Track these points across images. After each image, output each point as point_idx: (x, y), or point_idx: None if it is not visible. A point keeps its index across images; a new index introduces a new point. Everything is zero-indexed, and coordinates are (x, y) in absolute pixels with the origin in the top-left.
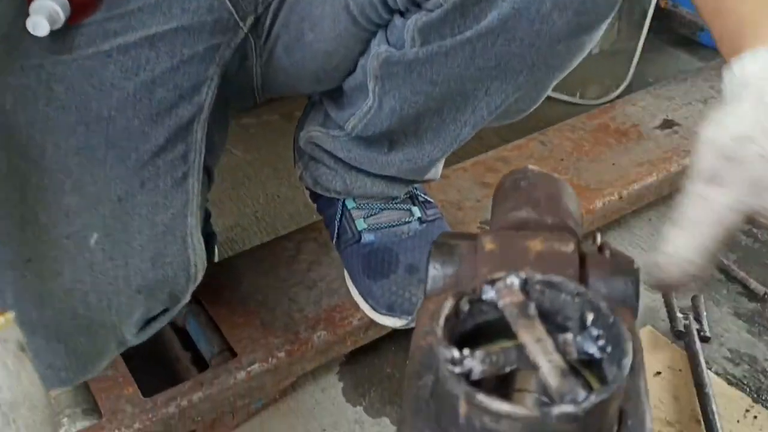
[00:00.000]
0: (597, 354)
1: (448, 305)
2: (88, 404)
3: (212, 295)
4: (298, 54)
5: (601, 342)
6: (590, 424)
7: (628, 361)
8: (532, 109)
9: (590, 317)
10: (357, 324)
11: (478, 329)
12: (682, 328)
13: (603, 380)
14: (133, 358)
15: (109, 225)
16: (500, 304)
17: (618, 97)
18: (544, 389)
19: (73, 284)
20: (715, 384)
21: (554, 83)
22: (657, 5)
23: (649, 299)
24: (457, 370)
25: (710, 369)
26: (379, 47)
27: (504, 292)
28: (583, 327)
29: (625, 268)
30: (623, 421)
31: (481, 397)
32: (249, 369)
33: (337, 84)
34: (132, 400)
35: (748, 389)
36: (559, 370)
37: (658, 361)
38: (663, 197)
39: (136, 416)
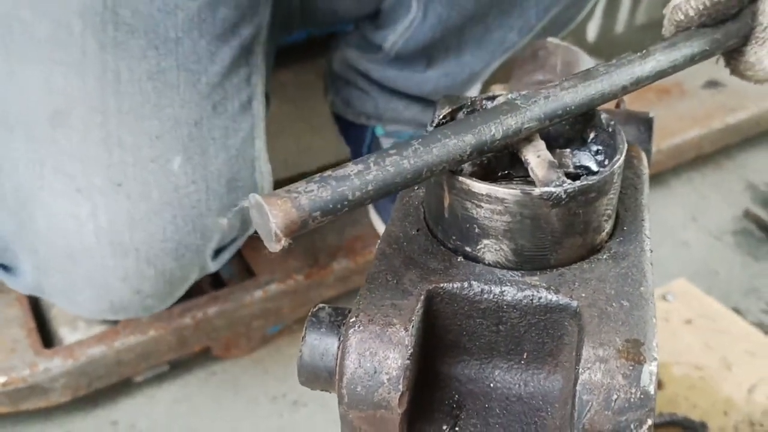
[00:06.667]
0: (594, 167)
1: (444, 111)
2: None
3: None
4: None
5: (600, 157)
6: (575, 213)
7: (619, 157)
8: (580, 18)
9: (591, 135)
10: None
11: None
12: None
13: None
14: None
15: (189, 149)
16: None
17: None
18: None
19: (162, 206)
20: (750, 333)
21: None
22: None
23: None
24: None
25: (746, 319)
26: None
27: None
28: (583, 144)
29: (639, 116)
30: (618, 226)
31: (462, 179)
32: (266, 288)
33: (376, 4)
34: None
35: None
36: (547, 162)
37: (690, 309)
38: (705, 156)
39: (150, 324)
